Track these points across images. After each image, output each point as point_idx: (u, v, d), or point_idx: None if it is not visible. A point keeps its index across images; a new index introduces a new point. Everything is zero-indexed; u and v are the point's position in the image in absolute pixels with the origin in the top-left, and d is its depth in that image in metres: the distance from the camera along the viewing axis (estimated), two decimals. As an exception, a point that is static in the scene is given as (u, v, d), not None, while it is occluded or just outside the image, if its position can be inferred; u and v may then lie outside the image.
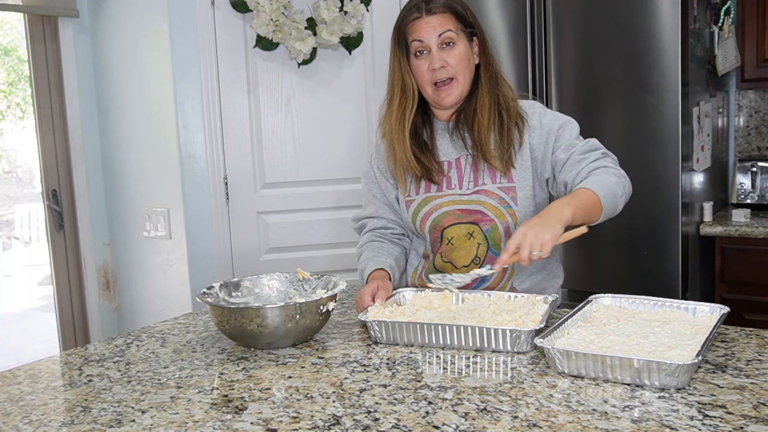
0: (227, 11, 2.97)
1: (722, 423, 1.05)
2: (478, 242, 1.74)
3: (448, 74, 1.69)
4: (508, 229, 1.72)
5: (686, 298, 2.60)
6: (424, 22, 1.68)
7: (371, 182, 1.89)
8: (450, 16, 1.69)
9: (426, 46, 1.69)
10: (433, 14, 1.68)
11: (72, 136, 3.22)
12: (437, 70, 1.69)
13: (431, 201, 1.77)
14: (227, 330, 1.49)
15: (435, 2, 1.69)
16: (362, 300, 1.65)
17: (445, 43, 1.68)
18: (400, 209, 1.84)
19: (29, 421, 1.20)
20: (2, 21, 6.64)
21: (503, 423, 1.08)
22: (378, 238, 1.87)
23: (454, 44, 1.69)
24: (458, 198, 1.75)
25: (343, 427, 1.10)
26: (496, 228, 1.73)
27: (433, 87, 1.71)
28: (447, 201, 1.76)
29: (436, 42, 1.68)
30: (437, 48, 1.68)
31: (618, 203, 1.62)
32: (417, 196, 1.79)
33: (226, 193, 3.07)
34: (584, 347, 1.29)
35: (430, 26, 1.68)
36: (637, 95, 2.63)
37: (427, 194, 1.78)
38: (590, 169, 1.64)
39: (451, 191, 1.76)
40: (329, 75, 3.09)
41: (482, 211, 1.73)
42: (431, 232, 1.78)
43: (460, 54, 1.69)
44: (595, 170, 1.64)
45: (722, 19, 2.95)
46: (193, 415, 1.18)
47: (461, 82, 1.71)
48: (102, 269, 3.37)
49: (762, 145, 3.29)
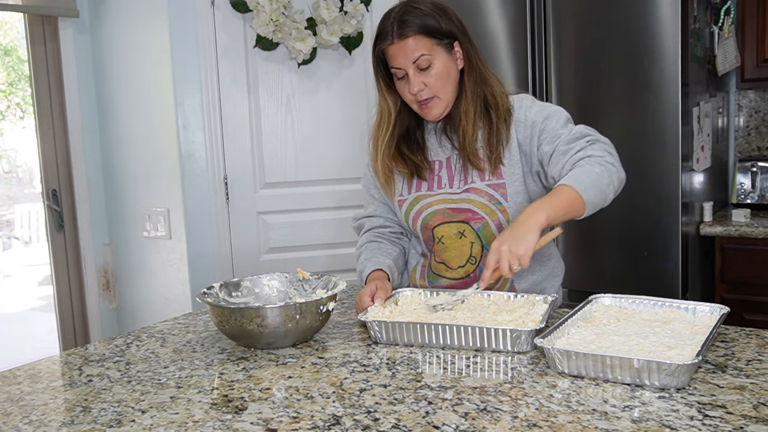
0: (227, 11, 2.97)
1: (722, 423, 1.05)
2: (470, 241, 1.74)
3: (428, 95, 1.68)
4: (500, 225, 1.72)
5: (686, 298, 2.60)
6: (396, 48, 1.65)
7: (369, 183, 1.91)
8: (421, 38, 1.65)
9: (403, 71, 1.67)
10: (405, 38, 1.64)
11: (72, 136, 3.22)
12: (416, 93, 1.68)
13: (422, 200, 1.77)
14: (227, 330, 1.49)
15: (406, 25, 1.65)
16: (362, 300, 1.65)
17: (420, 67, 1.66)
18: (396, 208, 1.84)
19: (29, 421, 1.20)
20: (2, 21, 6.64)
21: (503, 423, 1.08)
22: (376, 238, 1.87)
23: (430, 65, 1.66)
24: (448, 197, 1.75)
25: (343, 427, 1.10)
26: (488, 226, 1.72)
27: (418, 105, 1.71)
28: (437, 200, 1.76)
29: (411, 67, 1.66)
30: (413, 72, 1.66)
31: (605, 193, 1.58)
32: (409, 196, 1.80)
33: (226, 193, 3.07)
34: (584, 347, 1.29)
35: (403, 53, 1.65)
36: (637, 95, 2.63)
37: (418, 193, 1.78)
38: (574, 161, 1.60)
39: (442, 190, 1.76)
40: (329, 75, 3.09)
41: (472, 209, 1.73)
42: (423, 231, 1.79)
43: (437, 73, 1.67)
44: (578, 162, 1.60)
45: (722, 19, 2.95)
46: (193, 415, 1.18)
47: (443, 98, 1.70)
48: (102, 269, 3.37)
49: (762, 145, 3.29)
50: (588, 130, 1.67)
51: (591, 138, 1.64)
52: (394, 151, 1.77)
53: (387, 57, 1.69)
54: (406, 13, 1.66)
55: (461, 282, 1.76)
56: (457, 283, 1.77)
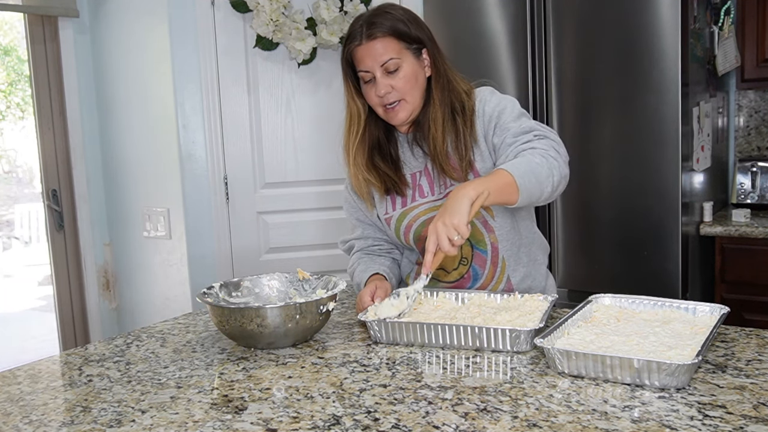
0: (227, 11, 2.97)
1: (722, 423, 1.05)
2: None
3: (396, 98, 1.67)
4: (485, 222, 1.72)
5: (686, 298, 2.60)
6: (364, 49, 1.65)
7: (351, 207, 1.90)
8: (391, 39, 1.65)
9: (370, 74, 1.67)
10: (374, 39, 1.64)
11: (72, 136, 3.22)
12: (383, 96, 1.67)
13: (409, 213, 1.77)
14: (227, 330, 1.49)
15: (375, 27, 1.64)
16: (362, 301, 1.65)
17: (388, 70, 1.65)
18: (384, 226, 1.84)
19: (29, 421, 1.20)
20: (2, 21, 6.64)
21: (503, 423, 1.08)
22: (367, 254, 1.88)
23: (398, 68, 1.66)
24: (433, 204, 1.74)
25: (343, 427, 1.10)
26: (474, 224, 1.72)
27: (383, 108, 1.70)
28: (423, 210, 1.76)
29: (379, 69, 1.65)
30: (381, 75, 1.65)
31: (543, 184, 1.55)
32: (394, 212, 1.79)
33: (226, 193, 3.07)
34: (584, 347, 1.29)
35: (371, 55, 1.65)
36: (637, 95, 2.63)
37: (403, 208, 1.78)
38: (517, 152, 1.60)
39: (425, 199, 1.76)
40: (329, 75, 3.09)
41: None
42: (417, 243, 1.78)
43: (405, 76, 1.66)
44: (521, 153, 1.59)
45: (722, 19, 2.95)
46: (193, 415, 1.18)
47: (410, 102, 1.69)
48: (102, 269, 3.37)
49: (762, 145, 3.29)
50: (539, 125, 1.66)
51: (539, 132, 1.63)
52: (367, 160, 1.76)
53: (355, 60, 1.68)
54: (377, 16, 1.66)
55: (457, 284, 1.77)
56: (453, 285, 1.77)
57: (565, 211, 2.81)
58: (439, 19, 2.98)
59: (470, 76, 1.81)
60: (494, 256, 1.74)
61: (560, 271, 2.81)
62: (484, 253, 1.74)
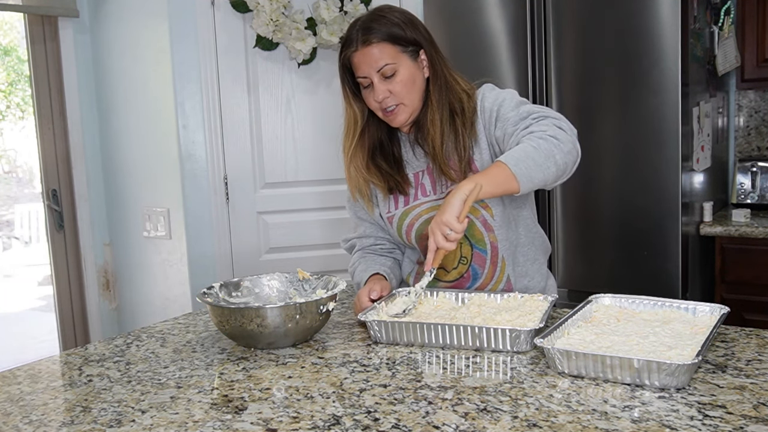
0: (227, 11, 2.97)
1: (722, 423, 1.05)
2: (460, 242, 1.74)
3: (394, 102, 1.67)
4: (485, 222, 1.72)
5: (686, 298, 2.59)
6: (361, 55, 1.65)
7: (354, 206, 1.90)
8: (386, 45, 1.64)
9: (368, 80, 1.67)
10: (369, 45, 1.64)
11: (72, 136, 3.22)
12: (381, 101, 1.67)
13: (411, 212, 1.77)
14: (227, 330, 1.49)
15: (371, 32, 1.64)
16: (360, 301, 1.65)
17: (385, 75, 1.65)
18: (386, 225, 1.84)
19: (29, 421, 1.20)
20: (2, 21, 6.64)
21: (503, 423, 1.08)
22: (369, 253, 1.88)
23: (395, 72, 1.65)
24: (434, 203, 1.75)
25: (343, 427, 1.10)
26: (473, 224, 1.72)
27: (383, 112, 1.70)
28: (425, 209, 1.76)
29: (376, 75, 1.65)
30: (378, 80, 1.65)
31: (543, 166, 1.51)
32: (396, 211, 1.79)
33: (226, 193, 3.07)
34: (584, 347, 1.29)
35: (367, 61, 1.65)
36: (637, 95, 2.63)
37: (405, 207, 1.78)
38: (518, 139, 1.58)
39: (427, 198, 1.76)
40: (329, 75, 3.09)
41: None
42: (418, 242, 1.78)
43: (402, 80, 1.66)
44: (522, 139, 1.57)
45: (722, 19, 2.95)
46: (193, 415, 1.18)
47: (408, 105, 1.69)
48: (102, 269, 3.37)
49: (762, 145, 3.29)
50: (538, 107, 1.63)
51: (537, 114, 1.60)
52: (368, 161, 1.77)
53: (352, 65, 1.68)
54: (372, 21, 1.66)
55: (456, 283, 1.77)
56: (453, 285, 1.77)
57: (565, 211, 2.81)
58: (439, 19, 2.98)
59: (470, 76, 1.81)
60: (494, 255, 1.74)
61: (560, 271, 2.80)
62: (483, 252, 1.74)
